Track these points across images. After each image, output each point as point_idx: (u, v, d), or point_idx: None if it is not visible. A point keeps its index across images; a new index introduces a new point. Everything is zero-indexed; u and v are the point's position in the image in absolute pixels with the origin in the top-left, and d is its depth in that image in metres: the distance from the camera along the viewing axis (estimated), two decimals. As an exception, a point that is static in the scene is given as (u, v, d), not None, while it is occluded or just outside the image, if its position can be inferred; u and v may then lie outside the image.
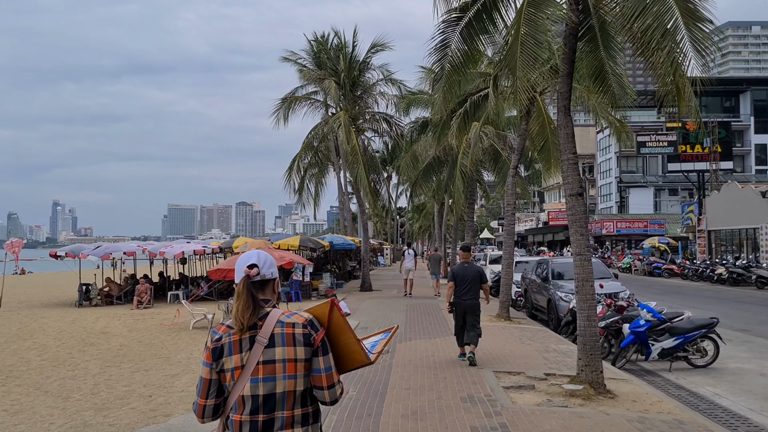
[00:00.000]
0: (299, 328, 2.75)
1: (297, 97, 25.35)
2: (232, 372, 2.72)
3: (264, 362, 2.70)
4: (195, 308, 17.73)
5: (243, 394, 2.71)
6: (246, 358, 2.71)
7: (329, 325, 2.84)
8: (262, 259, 2.90)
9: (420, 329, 14.81)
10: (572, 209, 8.47)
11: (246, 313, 2.73)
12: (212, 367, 2.77)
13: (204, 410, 2.81)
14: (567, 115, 8.47)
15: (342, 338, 2.85)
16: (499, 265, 29.14)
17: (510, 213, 16.84)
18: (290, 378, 2.71)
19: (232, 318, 2.81)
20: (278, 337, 2.72)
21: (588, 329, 8.28)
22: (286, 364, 2.71)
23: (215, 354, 2.76)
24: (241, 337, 2.74)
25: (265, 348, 2.71)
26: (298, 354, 2.72)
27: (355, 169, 24.08)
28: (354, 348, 2.88)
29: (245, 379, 2.70)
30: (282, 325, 2.74)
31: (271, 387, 2.70)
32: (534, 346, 12.29)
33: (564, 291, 16.12)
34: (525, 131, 16.47)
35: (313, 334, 2.76)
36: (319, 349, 2.76)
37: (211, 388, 2.79)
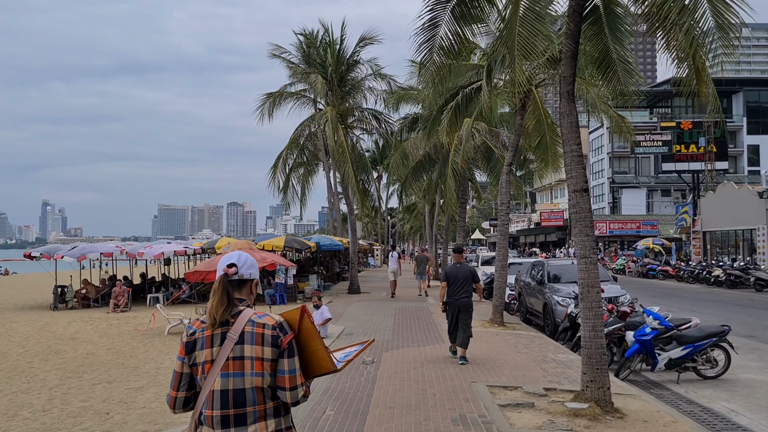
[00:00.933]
0: (269, 329, 2.84)
1: (282, 92, 24.40)
2: (203, 366, 2.82)
3: (233, 358, 2.80)
4: (171, 312, 16.79)
5: (214, 389, 2.79)
6: (216, 353, 2.81)
7: (299, 330, 2.92)
8: (242, 260, 3.01)
9: (408, 335, 13.91)
10: (577, 206, 7.59)
11: (219, 309, 2.84)
12: (184, 361, 2.88)
13: (176, 402, 2.92)
14: (570, 102, 7.60)
15: (311, 344, 2.94)
16: (491, 267, 28.31)
17: (504, 213, 15.98)
18: (258, 375, 2.80)
19: (206, 314, 2.89)
20: (248, 336, 2.82)
21: (594, 341, 7.41)
22: (254, 361, 2.80)
23: (188, 348, 2.88)
24: (213, 332, 2.83)
25: (235, 344, 2.80)
26: (265, 353, 2.81)
27: (342, 167, 23.16)
28: (321, 354, 2.96)
29: (215, 373, 2.80)
30: (253, 324, 2.84)
31: (240, 382, 2.79)
32: (530, 355, 11.42)
33: (561, 295, 15.27)
34: (520, 126, 15.61)
35: (281, 336, 2.85)
36: (285, 351, 2.84)
37: (182, 381, 2.90)
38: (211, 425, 2.80)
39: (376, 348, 12.09)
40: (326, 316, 12.80)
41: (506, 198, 15.92)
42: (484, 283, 27.33)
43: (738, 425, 7.76)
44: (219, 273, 2.96)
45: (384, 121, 25.93)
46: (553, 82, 15.20)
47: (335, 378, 9.35)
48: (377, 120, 25.91)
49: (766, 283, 27.92)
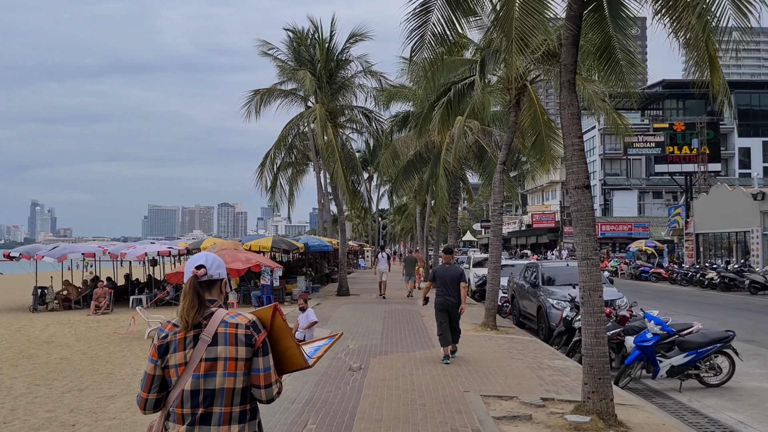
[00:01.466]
0: (242, 329, 2.85)
1: (271, 89, 23.78)
2: (176, 368, 2.83)
3: (206, 359, 2.81)
4: (152, 315, 16.17)
5: (185, 389, 2.81)
6: (189, 355, 2.82)
7: (271, 328, 2.95)
8: (210, 261, 3.02)
9: (398, 340, 13.36)
10: (578, 204, 7.07)
11: (191, 312, 2.84)
12: (157, 364, 2.88)
13: (146, 403, 2.92)
14: (572, 92, 7.08)
15: (283, 341, 2.98)
16: (483, 269, 27.78)
17: (497, 213, 15.46)
18: (230, 375, 2.82)
19: (178, 317, 2.89)
20: (221, 336, 2.83)
21: (596, 348, 6.88)
22: (227, 362, 2.82)
23: (161, 351, 2.88)
24: (186, 335, 2.84)
25: (209, 346, 2.81)
26: (239, 353, 2.83)
27: (331, 165, 22.56)
28: (293, 352, 3.00)
29: (188, 374, 2.81)
30: (226, 325, 2.85)
31: (211, 383, 2.81)
32: (526, 361, 10.89)
33: (555, 298, 14.76)
34: (514, 124, 15.10)
35: (255, 335, 2.87)
36: (260, 350, 2.86)
37: (154, 383, 2.89)
38: (180, 422, 2.84)
39: (364, 353, 11.54)
40: (312, 319, 12.24)
41: (499, 198, 15.41)
42: (476, 285, 26.94)
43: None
44: (187, 274, 2.96)
45: (374, 119, 25.38)
46: (548, 78, 14.70)
47: (318, 386, 8.80)
48: (367, 118, 25.32)
49: (761, 286, 27.54)
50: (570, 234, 72.28)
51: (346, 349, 12.04)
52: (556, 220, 76.61)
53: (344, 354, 11.47)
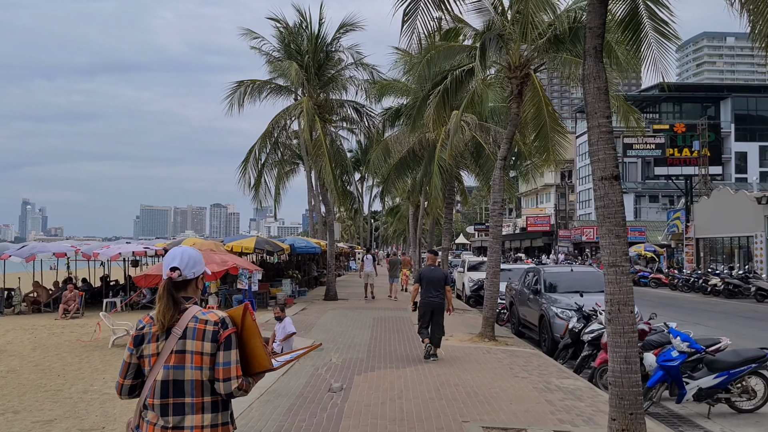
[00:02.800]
0: (210, 326, 2.97)
1: (255, 81, 22.41)
2: (149, 358, 3.01)
3: (176, 351, 2.97)
4: (118, 321, 14.80)
5: (157, 379, 2.97)
6: (161, 347, 3.00)
7: (242, 328, 3.04)
8: (184, 261, 3.10)
9: (386, 353, 12.01)
10: (605, 198, 5.79)
11: (167, 315, 2.99)
12: (133, 352, 3.06)
13: (122, 388, 3.10)
14: (598, 61, 5.79)
15: (252, 342, 3.05)
16: (478, 273, 26.49)
17: (497, 213, 14.16)
18: (197, 369, 2.96)
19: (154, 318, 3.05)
20: (190, 331, 2.97)
21: (626, 377, 5.59)
22: (194, 355, 2.96)
23: (137, 341, 3.06)
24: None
25: (179, 339, 2.97)
26: (205, 348, 2.96)
27: (319, 162, 21.20)
28: (260, 353, 3.06)
29: (159, 365, 2.98)
30: (196, 321, 2.99)
31: (180, 374, 2.96)
32: (531, 380, 9.58)
33: (560, 306, 13.46)
34: (516, 116, 13.81)
35: (221, 331, 2.97)
36: (222, 345, 2.97)
37: (129, 370, 3.08)
38: (153, 411, 2.98)
39: (347, 369, 10.21)
40: (289, 330, 10.89)
41: (499, 197, 14.10)
42: (471, 290, 25.65)
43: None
44: (164, 276, 3.06)
45: (366, 114, 24.03)
46: (554, 67, 13.43)
47: (291, 413, 7.47)
48: (358, 113, 23.95)
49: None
50: (565, 237, 71.28)
51: (327, 363, 10.71)
52: (551, 223, 75.61)
53: (325, 370, 10.13)
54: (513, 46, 13.72)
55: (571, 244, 69.82)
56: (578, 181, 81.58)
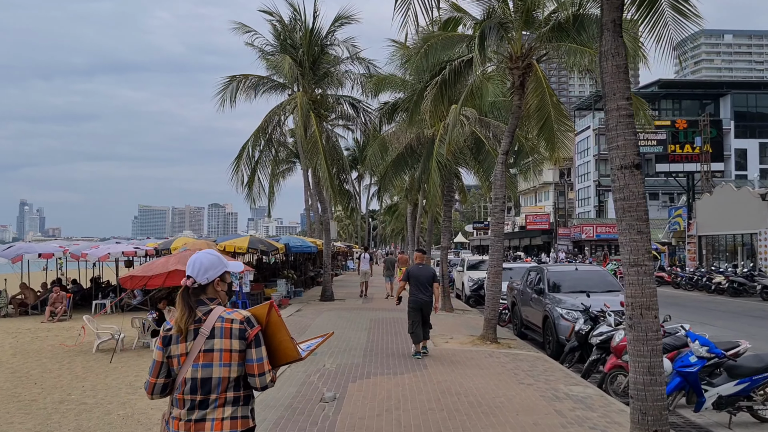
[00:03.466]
0: (236, 324, 3.15)
1: (248, 75, 21.75)
2: (178, 358, 3.16)
3: (204, 351, 3.11)
4: (102, 325, 14.17)
5: (185, 377, 3.13)
6: (190, 347, 3.14)
7: (267, 323, 3.23)
8: (196, 268, 3.24)
9: (384, 357, 11.39)
10: (625, 189, 5.17)
11: (184, 319, 3.14)
12: (163, 352, 3.20)
13: (154, 387, 3.23)
14: (617, 36, 5.18)
15: (278, 336, 3.24)
16: (478, 272, 25.87)
17: (499, 210, 13.52)
18: (225, 366, 3.12)
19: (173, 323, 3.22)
20: (218, 331, 3.13)
21: (650, 389, 4.98)
22: (223, 353, 3.12)
23: (165, 341, 3.20)
24: (189, 330, 3.17)
25: (207, 339, 3.12)
26: (234, 345, 3.12)
27: (314, 159, 20.56)
28: (287, 345, 3.26)
29: (188, 364, 3.12)
30: (222, 320, 3.15)
31: (208, 372, 3.11)
32: (537, 387, 8.95)
33: (565, 307, 12.85)
34: (518, 108, 13.19)
35: (248, 329, 3.16)
36: (252, 342, 3.15)
37: (161, 369, 3.21)
38: (181, 406, 3.14)
39: (341, 376, 9.59)
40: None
41: (501, 193, 13.48)
42: (471, 290, 25.05)
43: None
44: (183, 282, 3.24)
45: (362, 110, 23.38)
46: (557, 56, 12.81)
47: (278, 428, 6.85)
48: (355, 108, 23.32)
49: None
50: (565, 235, 70.64)
51: (321, 369, 10.09)
52: (550, 221, 74.97)
53: (318, 377, 9.51)
54: (514, 36, 13.11)
55: (571, 242, 69.26)
56: (577, 179, 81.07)
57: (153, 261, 14.76)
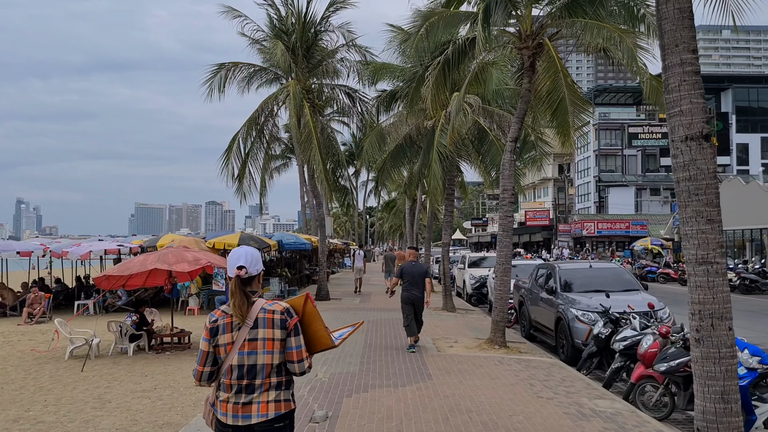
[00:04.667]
0: (278, 315, 3.43)
1: (237, 63, 20.56)
2: (225, 347, 3.41)
3: (249, 340, 3.38)
4: (77, 329, 13.05)
5: (232, 364, 3.39)
6: (235, 336, 3.40)
7: (303, 314, 3.52)
8: (249, 259, 3.50)
9: (383, 366, 10.28)
10: (691, 167, 4.14)
11: (243, 307, 3.41)
12: (210, 342, 3.45)
13: (201, 375, 3.48)
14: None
15: (313, 325, 3.54)
16: (480, 270, 24.75)
17: (507, 201, 12.42)
18: (268, 353, 3.39)
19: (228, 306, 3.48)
20: (261, 321, 3.41)
21: (724, 421, 3.89)
22: (266, 342, 3.39)
23: (212, 332, 3.46)
24: (233, 320, 3.42)
25: (250, 329, 3.39)
26: (276, 335, 3.40)
27: (307, 151, 19.43)
28: (322, 334, 3.56)
29: (234, 352, 3.38)
30: (264, 312, 3.42)
31: (253, 359, 3.39)
32: (558, 401, 7.86)
33: (580, 308, 11.78)
34: (528, 92, 12.08)
35: (288, 319, 3.44)
36: (292, 332, 3.43)
37: (208, 358, 3.46)
38: (228, 390, 3.42)
39: (335, 389, 8.49)
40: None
41: (509, 183, 12.37)
42: (473, 288, 23.94)
43: None
44: (231, 271, 3.48)
45: (359, 100, 22.22)
46: (572, 33, 11.69)
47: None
48: (351, 99, 22.17)
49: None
50: (565, 232, 69.52)
51: (312, 381, 8.98)
52: (550, 217, 73.89)
53: (308, 390, 8.41)
54: (523, 12, 12.01)
55: (571, 238, 68.21)
56: (577, 175, 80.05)
57: (130, 259, 13.63)
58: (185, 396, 9.10)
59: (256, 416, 3.37)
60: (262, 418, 3.37)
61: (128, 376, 10.57)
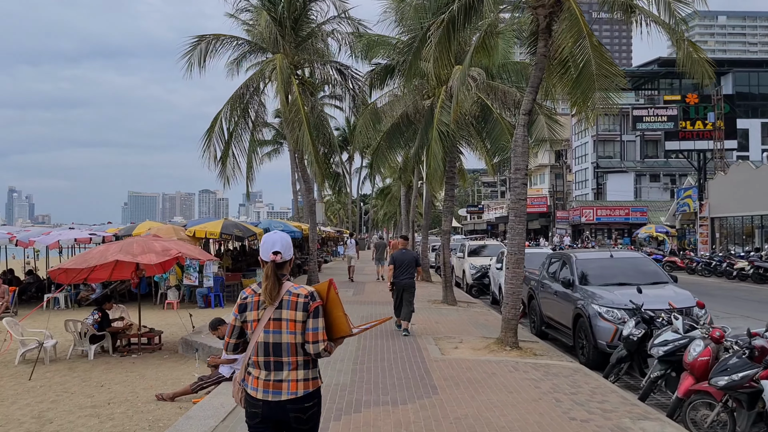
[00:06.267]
0: (302, 298, 3.64)
1: (219, 35, 18.91)
2: (251, 323, 3.67)
3: (273, 319, 3.63)
4: (29, 329, 11.53)
5: (258, 341, 3.64)
6: (261, 315, 3.64)
7: (326, 300, 3.69)
8: (283, 245, 3.73)
9: (378, 375, 8.76)
10: None
11: (274, 291, 3.62)
12: (237, 317, 3.75)
13: (228, 346, 3.80)
14: None
15: (334, 312, 3.69)
16: (481, 259, 23.22)
17: (520, 183, 10.88)
18: (291, 333, 3.61)
19: (260, 288, 3.68)
20: (285, 303, 3.64)
21: None
22: (289, 323, 3.61)
23: (241, 308, 3.74)
24: (260, 299, 3.66)
25: (276, 309, 3.63)
26: (298, 316, 3.61)
27: (295, 130, 17.85)
28: (342, 321, 3.69)
29: (260, 329, 3.64)
30: (290, 294, 3.64)
31: (278, 338, 3.62)
32: (598, 426, 6.37)
33: (603, 304, 10.28)
34: (543, 57, 10.54)
35: (310, 302, 3.63)
36: (311, 314, 3.62)
37: (234, 331, 3.77)
38: (257, 367, 3.65)
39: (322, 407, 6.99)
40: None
41: (522, 162, 10.83)
42: (474, 278, 22.46)
43: None
44: (265, 256, 3.67)
45: (351, 77, 20.60)
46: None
47: None
48: (342, 75, 20.53)
49: (807, 278, 23.37)
50: (563, 219, 68.14)
51: (293, 396, 7.47)
52: (547, 204, 72.52)
53: (288, 409, 6.90)
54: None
55: (570, 225, 66.94)
56: (574, 161, 78.74)
57: (89, 250, 12.05)
58: (141, 414, 7.61)
59: (286, 393, 3.58)
60: (292, 396, 3.58)
61: (81, 387, 9.07)
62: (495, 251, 22.47)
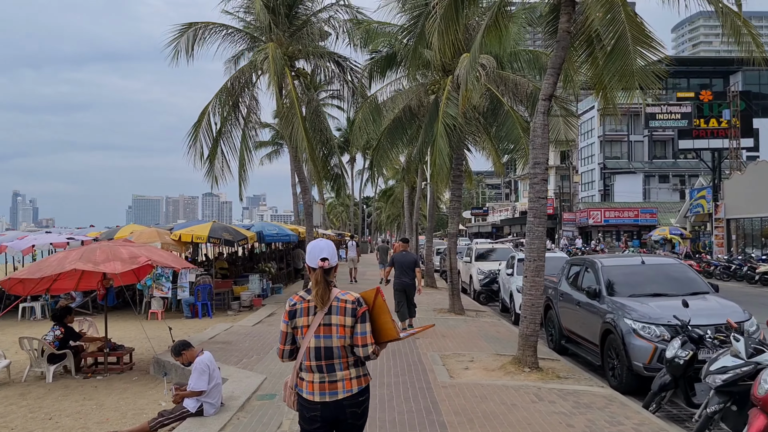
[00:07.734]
0: (349, 304, 3.79)
1: (209, 23, 17.53)
2: (301, 329, 3.77)
3: (323, 324, 3.74)
4: None
5: (309, 346, 3.75)
6: (311, 320, 3.76)
7: (373, 306, 3.86)
8: (330, 252, 3.84)
9: (376, 405, 7.35)
10: None
11: (325, 296, 3.75)
12: (288, 324, 3.83)
13: (283, 353, 3.89)
14: None
15: (381, 317, 3.85)
16: (490, 263, 21.79)
17: (539, 179, 9.44)
18: (341, 337, 3.74)
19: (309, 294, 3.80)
20: (334, 308, 3.77)
21: None
22: (338, 327, 3.74)
23: (291, 315, 3.83)
24: (309, 305, 3.77)
25: (325, 314, 3.74)
26: (346, 321, 3.75)
27: (290, 124, 16.46)
28: (389, 326, 3.85)
29: (310, 334, 3.74)
30: (338, 300, 3.78)
31: (329, 342, 3.74)
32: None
33: (638, 319, 8.81)
34: (566, 33, 9.12)
35: (357, 308, 3.79)
36: (359, 319, 3.78)
37: (287, 338, 3.85)
38: (311, 371, 3.77)
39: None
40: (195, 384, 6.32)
41: (543, 155, 9.40)
42: (482, 284, 21.04)
43: None
44: (313, 263, 3.79)
45: (349, 69, 19.21)
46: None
47: None
48: (340, 67, 19.12)
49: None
50: (570, 221, 66.53)
51: (270, 440, 6.09)
52: (553, 206, 71.05)
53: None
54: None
55: (576, 228, 65.44)
56: (580, 162, 77.32)
57: (46, 258, 10.62)
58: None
59: (342, 392, 3.76)
60: (348, 394, 3.77)
61: (24, 421, 7.65)
62: (504, 255, 21.16)
